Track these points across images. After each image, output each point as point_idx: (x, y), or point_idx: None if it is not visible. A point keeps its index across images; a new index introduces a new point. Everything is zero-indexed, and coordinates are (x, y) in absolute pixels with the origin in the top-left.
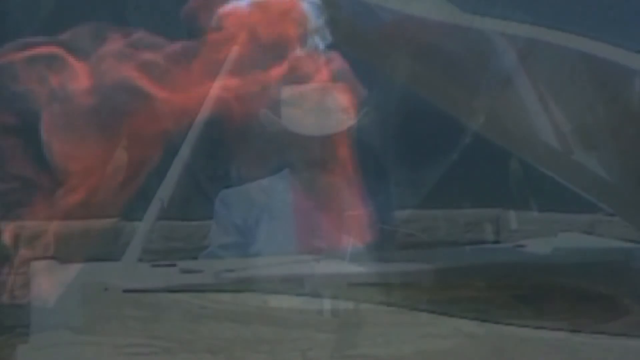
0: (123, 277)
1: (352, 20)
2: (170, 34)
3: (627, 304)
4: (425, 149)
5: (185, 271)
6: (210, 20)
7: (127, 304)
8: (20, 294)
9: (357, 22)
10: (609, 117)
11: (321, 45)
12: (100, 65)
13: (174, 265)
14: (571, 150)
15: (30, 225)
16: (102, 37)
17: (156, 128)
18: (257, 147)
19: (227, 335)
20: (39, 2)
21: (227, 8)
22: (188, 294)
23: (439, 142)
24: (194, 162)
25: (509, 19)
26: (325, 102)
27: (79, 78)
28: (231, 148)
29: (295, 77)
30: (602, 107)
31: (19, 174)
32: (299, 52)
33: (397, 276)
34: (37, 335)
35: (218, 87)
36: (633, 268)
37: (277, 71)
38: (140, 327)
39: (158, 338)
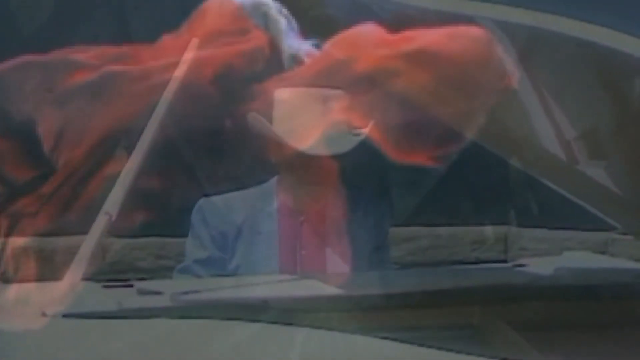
0: (64, 300)
1: (345, 19)
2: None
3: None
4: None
5: (143, 292)
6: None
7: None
8: None
9: (350, 20)
10: (620, 120)
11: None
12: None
13: (131, 286)
14: (576, 160)
15: None
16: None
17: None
18: (242, 152)
19: None
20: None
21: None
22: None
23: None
24: (176, 173)
25: (513, 4)
26: (321, 107)
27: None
28: (213, 154)
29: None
30: (614, 110)
31: None
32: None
33: (379, 300)
34: None
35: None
36: None
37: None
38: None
39: None
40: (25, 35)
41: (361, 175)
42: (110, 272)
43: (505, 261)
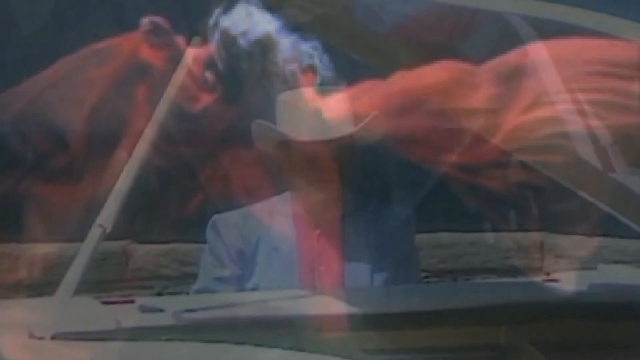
0: (54, 319)
1: (350, 18)
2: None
3: None
4: (457, 162)
5: (146, 310)
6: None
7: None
8: None
9: (355, 18)
10: None
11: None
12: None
13: (132, 301)
14: (612, 168)
15: None
16: None
17: None
18: (252, 164)
19: None
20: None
21: None
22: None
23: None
24: (200, 179)
25: None
26: (326, 104)
27: None
28: (223, 166)
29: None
30: None
31: None
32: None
33: (397, 319)
34: None
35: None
36: None
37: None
38: None
39: None
40: (25, 35)
41: (379, 180)
42: (134, 280)
43: (540, 269)
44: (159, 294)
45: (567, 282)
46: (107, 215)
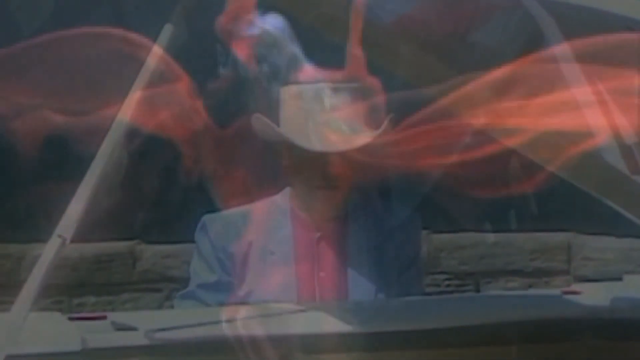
0: (8, 338)
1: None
2: None
3: None
4: (477, 162)
5: (119, 327)
6: None
7: None
8: None
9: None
10: None
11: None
12: None
13: (104, 317)
14: (638, 169)
15: None
16: None
17: None
18: (249, 159)
19: None
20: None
21: None
22: None
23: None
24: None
25: None
26: (336, 105)
27: None
28: (217, 161)
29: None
30: None
31: None
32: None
33: (401, 337)
34: None
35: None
36: None
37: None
38: None
39: None
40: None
41: (385, 182)
42: (141, 282)
43: (567, 272)
44: (168, 298)
45: (587, 295)
46: (67, 224)
